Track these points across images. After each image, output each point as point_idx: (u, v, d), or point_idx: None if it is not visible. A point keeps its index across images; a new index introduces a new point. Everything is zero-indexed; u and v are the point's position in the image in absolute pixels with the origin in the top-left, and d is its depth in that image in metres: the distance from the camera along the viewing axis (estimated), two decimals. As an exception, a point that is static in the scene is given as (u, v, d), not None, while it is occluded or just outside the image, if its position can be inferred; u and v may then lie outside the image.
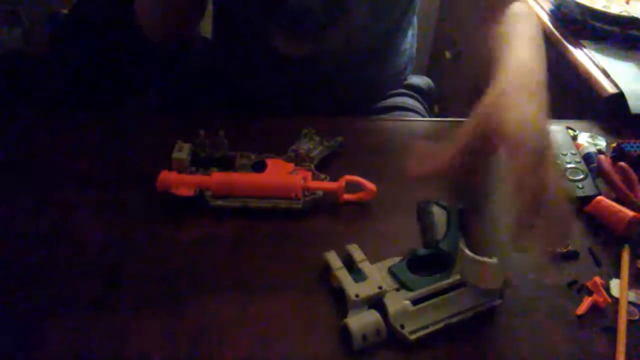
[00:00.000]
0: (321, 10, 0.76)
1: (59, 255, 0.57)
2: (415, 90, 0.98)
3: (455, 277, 0.53)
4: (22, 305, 0.51)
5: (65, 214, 0.61)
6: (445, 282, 0.53)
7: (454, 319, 0.50)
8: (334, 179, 0.64)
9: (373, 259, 0.55)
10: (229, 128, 0.69)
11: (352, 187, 0.64)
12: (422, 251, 0.57)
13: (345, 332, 0.49)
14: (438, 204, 0.62)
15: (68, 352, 0.48)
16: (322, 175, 0.65)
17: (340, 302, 0.52)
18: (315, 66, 0.83)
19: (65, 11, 1.44)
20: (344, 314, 0.50)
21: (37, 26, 1.57)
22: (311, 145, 0.68)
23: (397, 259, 0.55)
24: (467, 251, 0.55)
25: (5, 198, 0.64)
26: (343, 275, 0.53)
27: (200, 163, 0.66)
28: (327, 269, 0.55)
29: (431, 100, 1.02)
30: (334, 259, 0.54)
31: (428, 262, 0.56)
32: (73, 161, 0.69)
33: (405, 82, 0.98)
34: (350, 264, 0.55)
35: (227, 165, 0.66)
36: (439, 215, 0.61)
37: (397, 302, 0.51)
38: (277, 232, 0.60)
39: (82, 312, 0.51)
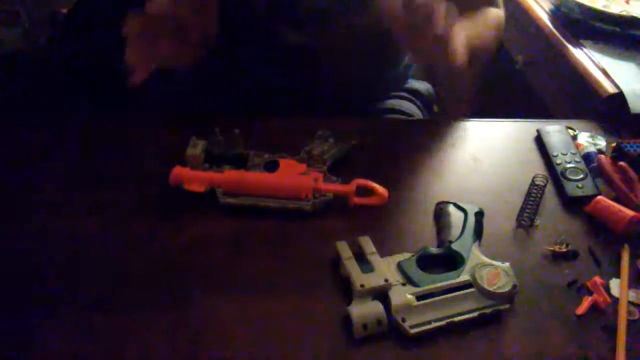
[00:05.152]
0: (332, 8, 0.76)
1: (59, 255, 0.57)
2: (415, 94, 0.99)
3: (464, 278, 0.53)
4: (22, 305, 0.52)
5: (65, 214, 0.62)
6: (452, 282, 0.53)
7: (457, 319, 0.51)
8: (348, 181, 0.64)
9: (384, 255, 0.56)
10: (245, 127, 0.69)
11: (365, 190, 0.64)
12: (434, 250, 0.57)
13: (347, 320, 0.50)
14: (456, 206, 0.62)
15: (68, 352, 0.48)
16: (334, 178, 0.65)
17: (348, 293, 0.53)
18: (317, 66, 0.83)
19: (65, 11, 1.44)
20: (349, 304, 0.51)
21: (37, 26, 1.57)
22: (325, 147, 0.68)
23: (407, 255, 0.56)
24: (480, 254, 0.55)
25: (6, 198, 0.64)
26: (351, 265, 0.53)
27: (213, 160, 0.66)
28: (337, 260, 0.55)
29: (431, 105, 1.02)
30: (344, 249, 0.55)
31: (439, 261, 0.56)
32: (73, 161, 0.69)
33: (406, 87, 0.98)
34: (360, 256, 0.55)
35: (240, 163, 0.66)
36: (455, 216, 0.61)
37: (402, 296, 0.51)
38: (283, 232, 0.60)
39: (82, 312, 0.51)
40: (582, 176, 0.68)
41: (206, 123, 0.70)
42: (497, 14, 0.86)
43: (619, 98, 0.84)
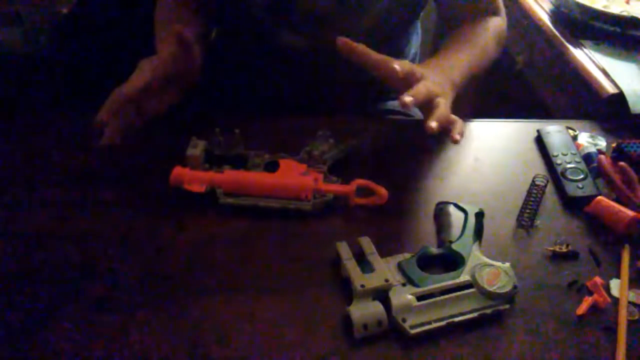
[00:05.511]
0: (334, 13, 0.77)
1: (59, 255, 0.57)
2: None
3: (464, 278, 0.53)
4: (22, 305, 0.52)
5: (65, 214, 0.62)
6: (452, 282, 0.53)
7: (457, 319, 0.51)
8: (348, 181, 0.64)
9: (384, 255, 0.56)
10: (245, 127, 0.69)
11: (365, 190, 0.64)
12: (434, 250, 0.57)
13: (347, 320, 0.50)
14: (456, 206, 0.62)
15: (68, 352, 0.48)
16: (334, 178, 0.65)
17: (347, 293, 0.53)
18: (315, 64, 0.83)
19: (65, 11, 1.44)
20: (349, 304, 0.51)
21: (37, 26, 1.57)
22: (325, 147, 0.68)
23: (407, 255, 0.56)
24: (480, 254, 0.55)
25: (6, 198, 0.64)
26: (351, 266, 0.53)
27: (213, 160, 0.66)
28: (337, 260, 0.55)
29: None
30: (344, 250, 0.55)
31: (439, 261, 0.56)
32: (74, 161, 0.69)
33: None
34: (360, 256, 0.55)
35: (240, 163, 0.66)
36: (455, 216, 0.61)
37: (402, 296, 0.51)
38: (283, 232, 0.60)
39: (82, 312, 0.51)
40: (582, 176, 0.68)
41: (206, 123, 0.70)
42: (498, 25, 0.86)
43: (619, 98, 0.84)
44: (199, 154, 0.65)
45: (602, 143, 0.75)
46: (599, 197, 0.64)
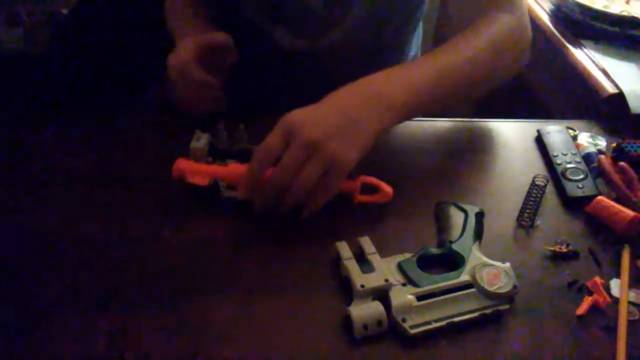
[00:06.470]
0: (322, 7, 0.77)
1: (59, 255, 0.57)
2: None
3: (464, 278, 0.53)
4: (21, 305, 0.51)
5: (65, 214, 0.62)
6: (452, 282, 0.53)
7: (457, 319, 0.51)
8: (352, 178, 0.63)
9: (384, 255, 0.56)
10: (247, 125, 0.69)
11: (366, 188, 0.64)
12: (434, 250, 0.57)
13: (347, 320, 0.50)
14: (456, 206, 0.62)
15: (68, 352, 0.48)
16: None
17: (347, 293, 0.53)
18: (315, 65, 0.83)
19: (65, 11, 1.44)
20: (349, 304, 0.51)
21: (37, 26, 1.57)
22: None
23: (407, 255, 0.56)
24: (480, 254, 0.55)
25: (5, 198, 0.64)
26: (351, 266, 0.53)
27: (217, 155, 0.66)
28: (337, 260, 0.55)
29: None
30: (344, 249, 0.55)
31: (439, 261, 0.56)
32: (74, 161, 0.69)
33: None
34: (360, 256, 0.55)
35: (244, 158, 0.66)
36: (455, 216, 0.61)
37: (402, 296, 0.51)
38: (283, 232, 0.60)
39: (82, 312, 0.51)
40: (582, 176, 0.68)
41: (207, 122, 0.70)
42: (501, 25, 0.72)
43: (619, 98, 0.84)
44: (202, 147, 0.64)
45: (602, 143, 0.75)
46: (599, 197, 0.64)
